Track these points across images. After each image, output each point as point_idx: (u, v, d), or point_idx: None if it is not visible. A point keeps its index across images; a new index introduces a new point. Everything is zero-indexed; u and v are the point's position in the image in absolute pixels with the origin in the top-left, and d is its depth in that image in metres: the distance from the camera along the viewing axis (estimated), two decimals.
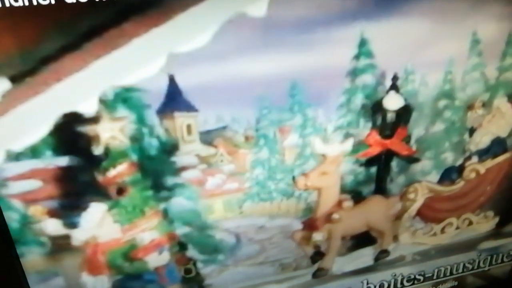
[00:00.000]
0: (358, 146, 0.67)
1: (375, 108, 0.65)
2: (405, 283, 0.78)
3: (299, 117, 0.61)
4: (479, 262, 0.83)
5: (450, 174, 0.75)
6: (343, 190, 0.70)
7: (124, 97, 0.53)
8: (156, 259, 0.63)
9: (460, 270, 0.82)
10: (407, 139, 0.69)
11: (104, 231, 0.59)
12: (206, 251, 0.67)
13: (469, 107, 0.70)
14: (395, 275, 0.78)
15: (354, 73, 0.61)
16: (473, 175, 0.75)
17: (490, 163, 0.76)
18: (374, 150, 0.68)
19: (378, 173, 0.71)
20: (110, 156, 0.56)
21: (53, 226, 0.57)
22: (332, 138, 0.64)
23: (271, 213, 0.68)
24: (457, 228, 0.80)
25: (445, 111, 0.69)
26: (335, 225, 0.69)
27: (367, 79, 0.62)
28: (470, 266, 0.82)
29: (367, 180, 0.71)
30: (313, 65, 0.57)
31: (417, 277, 0.78)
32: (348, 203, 0.69)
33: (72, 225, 0.57)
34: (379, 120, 0.66)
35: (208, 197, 0.63)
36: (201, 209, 0.64)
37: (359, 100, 0.63)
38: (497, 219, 0.83)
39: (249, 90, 0.56)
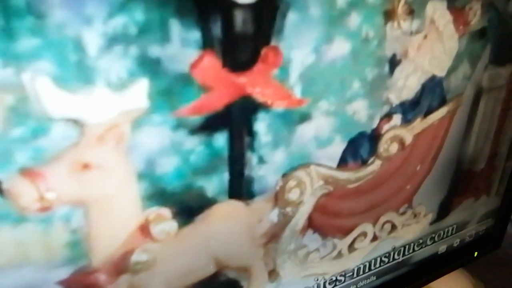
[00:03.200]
0: (181, 89, 0.31)
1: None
2: (328, 286, 0.67)
3: None
4: (393, 255, 0.73)
5: (357, 149, 0.45)
6: (158, 196, 0.34)
7: None
8: None
9: (378, 265, 0.73)
10: (282, 74, 0.36)
11: None
12: None
13: (389, 12, 0.39)
14: (317, 279, 0.64)
15: None
16: (394, 148, 0.48)
17: (420, 125, 0.48)
18: (218, 99, 0.34)
19: (230, 147, 0.36)
20: None
21: None
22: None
23: None
24: (375, 239, 0.57)
25: (351, 14, 0.37)
26: (142, 276, 0.34)
27: None
28: (386, 260, 0.73)
29: (209, 166, 0.35)
30: None
31: (339, 278, 0.68)
32: (160, 226, 0.34)
33: None
34: (217, 29, 0.31)
35: None
36: None
37: None
38: (430, 216, 0.60)
39: None
